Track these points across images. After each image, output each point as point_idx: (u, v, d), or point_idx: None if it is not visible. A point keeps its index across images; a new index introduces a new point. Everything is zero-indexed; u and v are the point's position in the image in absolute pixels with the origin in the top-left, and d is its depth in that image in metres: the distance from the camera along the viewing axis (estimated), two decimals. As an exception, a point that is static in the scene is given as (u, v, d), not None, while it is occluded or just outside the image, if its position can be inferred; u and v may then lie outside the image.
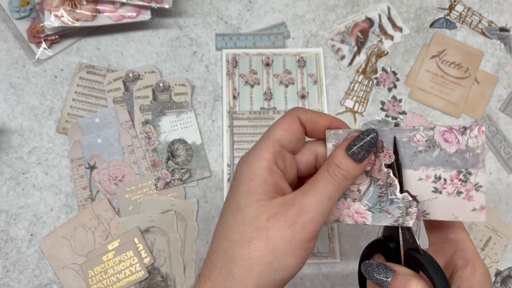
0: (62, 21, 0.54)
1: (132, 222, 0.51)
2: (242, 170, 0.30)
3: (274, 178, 0.29)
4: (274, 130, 0.31)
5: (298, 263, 0.29)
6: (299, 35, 0.59)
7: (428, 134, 0.29)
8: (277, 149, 0.30)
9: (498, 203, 0.55)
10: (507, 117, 0.58)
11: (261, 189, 0.29)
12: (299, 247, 0.28)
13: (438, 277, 0.27)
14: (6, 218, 0.51)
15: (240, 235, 0.28)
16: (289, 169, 0.32)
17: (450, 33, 0.60)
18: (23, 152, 0.53)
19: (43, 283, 0.50)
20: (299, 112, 0.32)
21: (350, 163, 0.29)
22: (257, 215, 0.28)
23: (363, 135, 0.30)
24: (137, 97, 0.55)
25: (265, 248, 0.28)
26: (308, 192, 0.29)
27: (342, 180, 0.29)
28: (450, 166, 0.29)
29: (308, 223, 0.28)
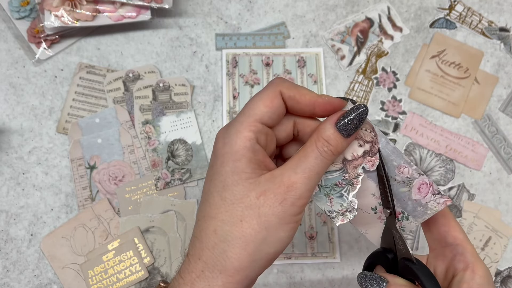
0: (62, 21, 0.54)
1: (132, 222, 0.51)
2: (224, 149, 0.29)
3: (258, 156, 0.29)
4: (255, 106, 0.30)
5: (290, 235, 0.29)
6: (299, 35, 0.59)
7: (413, 175, 0.31)
8: (258, 127, 0.30)
9: (498, 203, 0.55)
10: (507, 117, 0.58)
11: (248, 168, 0.29)
12: (289, 220, 0.28)
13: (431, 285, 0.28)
14: (6, 218, 0.51)
15: (230, 214, 0.28)
16: (270, 144, 0.32)
17: (450, 33, 0.60)
18: (23, 152, 0.53)
19: (43, 283, 0.50)
20: (282, 87, 0.31)
21: (339, 138, 0.29)
22: (246, 194, 0.28)
23: (353, 109, 0.29)
24: (137, 97, 0.55)
25: (258, 226, 0.28)
26: (297, 169, 0.29)
27: (330, 156, 0.29)
28: (401, 204, 0.32)
29: (297, 199, 0.28)
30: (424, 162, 0.55)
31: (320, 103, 0.31)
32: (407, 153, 0.56)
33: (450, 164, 0.55)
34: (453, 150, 0.56)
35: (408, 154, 0.56)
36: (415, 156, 0.55)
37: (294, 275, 0.51)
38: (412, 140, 0.56)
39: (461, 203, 0.54)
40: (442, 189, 0.54)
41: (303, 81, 0.57)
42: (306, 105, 0.31)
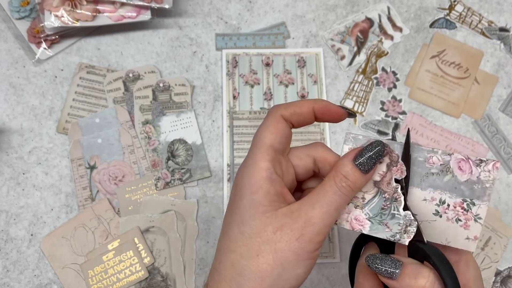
0: (62, 21, 0.54)
1: (132, 222, 0.51)
2: (243, 182, 0.30)
3: (275, 187, 0.29)
4: (263, 136, 0.31)
5: (306, 271, 0.29)
6: (299, 35, 0.59)
7: (445, 159, 0.30)
8: (272, 155, 0.30)
9: (498, 203, 0.55)
10: (507, 117, 0.58)
11: (265, 201, 0.29)
12: (306, 257, 0.28)
13: (444, 265, 0.27)
14: (6, 218, 0.51)
15: (247, 248, 0.28)
16: (286, 172, 0.32)
17: (450, 33, 0.60)
18: (23, 152, 0.53)
19: (43, 283, 0.50)
20: (281, 110, 0.31)
21: (357, 173, 0.29)
22: (263, 228, 0.28)
23: (371, 146, 0.30)
24: (137, 97, 0.55)
25: (274, 261, 0.28)
26: (315, 204, 0.29)
27: (349, 192, 0.29)
28: (457, 193, 0.30)
29: (315, 235, 0.28)
30: (424, 162, 0.55)
31: (318, 108, 0.31)
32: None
33: (450, 164, 0.55)
34: (453, 150, 0.56)
35: (408, 154, 0.56)
36: (415, 156, 0.55)
37: (294, 275, 0.51)
38: (412, 140, 0.56)
39: (461, 203, 0.54)
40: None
41: (303, 81, 0.57)
42: (308, 113, 0.31)
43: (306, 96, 0.56)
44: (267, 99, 0.56)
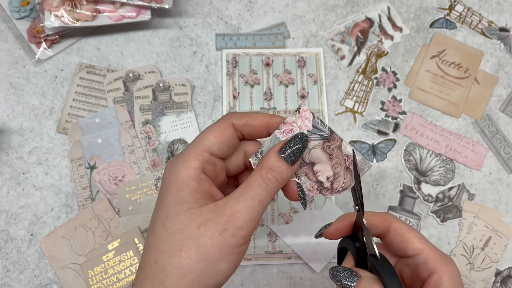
0: (62, 21, 0.54)
1: (132, 222, 0.51)
2: (170, 178, 0.29)
3: (203, 185, 0.29)
4: (205, 137, 0.30)
5: (231, 267, 0.29)
6: (299, 35, 0.59)
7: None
8: (205, 157, 0.30)
9: (498, 203, 0.55)
10: (507, 117, 0.58)
11: (190, 198, 0.29)
12: (230, 252, 0.28)
13: (391, 282, 0.27)
14: (6, 218, 0.51)
15: (170, 244, 0.28)
16: (219, 175, 0.32)
17: (450, 33, 0.60)
18: (23, 152, 0.53)
19: (43, 283, 0.50)
20: (233, 118, 0.31)
21: (283, 165, 0.29)
22: (187, 224, 0.28)
23: (294, 138, 0.30)
24: (137, 97, 0.55)
25: (197, 256, 0.27)
26: (240, 198, 0.29)
27: (275, 183, 0.29)
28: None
29: (238, 229, 0.28)
30: (424, 162, 0.55)
31: (273, 123, 0.31)
32: (407, 153, 0.56)
33: (450, 164, 0.55)
34: (453, 150, 0.56)
35: (408, 154, 0.56)
36: (415, 156, 0.55)
37: (294, 275, 0.51)
38: (412, 140, 0.56)
39: (461, 203, 0.54)
40: (442, 189, 0.54)
41: (303, 81, 0.57)
42: (260, 127, 0.31)
43: (306, 96, 0.56)
44: (267, 99, 0.56)
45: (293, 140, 0.30)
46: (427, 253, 0.30)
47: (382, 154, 0.55)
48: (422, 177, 0.55)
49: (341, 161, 0.31)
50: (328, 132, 0.31)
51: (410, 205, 0.54)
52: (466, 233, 0.53)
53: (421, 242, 0.31)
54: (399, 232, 0.31)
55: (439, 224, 0.54)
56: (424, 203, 0.54)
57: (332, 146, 0.31)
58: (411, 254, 0.31)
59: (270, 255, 0.51)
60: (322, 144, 0.31)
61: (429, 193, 0.54)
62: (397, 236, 0.31)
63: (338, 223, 0.32)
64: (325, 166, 0.31)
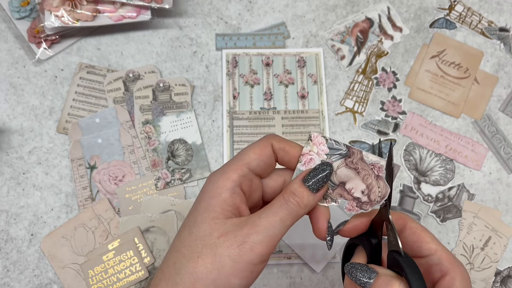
0: (62, 21, 0.54)
1: (132, 222, 0.51)
2: (207, 187, 0.31)
3: (234, 199, 0.30)
4: (245, 153, 0.32)
5: (243, 284, 0.29)
6: (299, 35, 0.59)
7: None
8: (244, 171, 0.31)
9: (498, 203, 0.55)
10: (506, 117, 0.58)
11: (218, 208, 0.29)
12: (245, 268, 0.28)
13: (415, 279, 0.27)
14: (7, 218, 0.51)
15: (191, 249, 0.29)
16: (254, 193, 0.32)
17: (450, 33, 0.60)
18: (24, 152, 0.53)
19: (43, 283, 0.50)
20: (273, 140, 0.32)
21: (305, 191, 0.30)
22: (210, 232, 0.29)
23: (319, 168, 0.31)
24: (137, 97, 0.55)
25: (211, 265, 0.28)
26: (262, 214, 0.29)
27: (296, 206, 0.30)
28: None
29: (257, 244, 0.28)
30: (424, 162, 0.55)
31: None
32: (407, 153, 0.56)
33: (450, 164, 0.56)
34: (453, 150, 0.56)
35: (408, 154, 0.56)
36: (415, 156, 0.55)
37: (294, 275, 0.51)
38: (412, 140, 0.56)
39: (461, 203, 0.54)
40: (442, 189, 0.55)
41: (303, 81, 0.57)
42: (294, 157, 0.32)
43: (306, 96, 0.56)
44: (267, 99, 0.56)
45: (317, 169, 0.31)
46: (441, 254, 0.31)
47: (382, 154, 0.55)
48: (422, 177, 0.55)
49: (369, 171, 0.31)
50: (345, 149, 0.31)
51: (410, 205, 0.54)
52: (466, 233, 0.53)
53: (435, 243, 0.31)
54: (415, 231, 0.32)
55: (439, 224, 0.54)
56: (424, 203, 0.54)
57: (354, 160, 0.31)
58: (425, 254, 0.31)
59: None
60: (344, 162, 0.31)
61: (429, 193, 0.54)
62: (413, 235, 0.32)
63: (357, 220, 0.33)
64: (356, 181, 0.31)
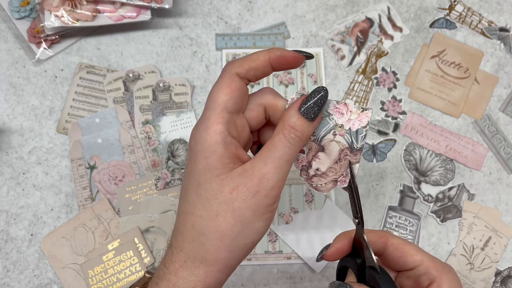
0: (62, 21, 0.54)
1: (132, 222, 0.51)
2: (197, 147, 0.30)
3: (230, 149, 0.29)
4: (216, 97, 0.30)
5: (266, 224, 0.30)
6: (299, 35, 0.59)
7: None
8: (225, 117, 0.30)
9: (498, 203, 0.55)
10: (507, 117, 0.58)
11: (219, 164, 0.29)
12: (264, 211, 0.29)
13: None
14: (6, 218, 0.51)
15: (206, 210, 0.29)
16: (242, 132, 0.32)
17: (450, 33, 0.60)
18: (23, 152, 0.53)
19: (43, 283, 0.50)
20: (235, 68, 0.31)
21: (304, 122, 0.30)
22: (220, 189, 0.29)
23: (314, 92, 0.30)
24: (137, 97, 0.55)
25: (233, 219, 0.29)
26: (267, 159, 0.29)
27: (298, 141, 0.30)
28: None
29: (270, 190, 0.29)
30: (424, 162, 0.55)
31: (274, 58, 0.31)
32: (407, 153, 0.56)
33: (450, 164, 0.55)
34: (453, 150, 0.56)
35: (408, 154, 0.56)
36: (415, 156, 0.55)
37: (294, 275, 0.51)
38: (412, 140, 0.56)
39: (461, 203, 0.54)
40: (442, 189, 0.55)
41: (303, 81, 0.57)
42: (264, 66, 0.31)
43: (306, 96, 0.56)
44: (267, 99, 0.56)
45: (313, 95, 0.30)
46: (427, 264, 0.31)
47: (382, 154, 0.55)
48: (422, 177, 0.55)
49: (339, 172, 0.31)
50: (359, 147, 0.31)
51: (410, 205, 0.54)
52: (466, 233, 0.53)
53: (419, 254, 0.32)
54: (397, 246, 0.32)
55: (439, 224, 0.54)
56: (424, 203, 0.54)
57: (348, 157, 0.31)
58: (411, 266, 0.32)
59: (270, 255, 0.51)
60: (344, 147, 0.31)
61: (429, 193, 0.54)
62: (396, 251, 0.32)
63: (338, 242, 0.33)
64: (327, 161, 0.31)
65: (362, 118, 0.30)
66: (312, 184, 0.31)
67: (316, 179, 0.31)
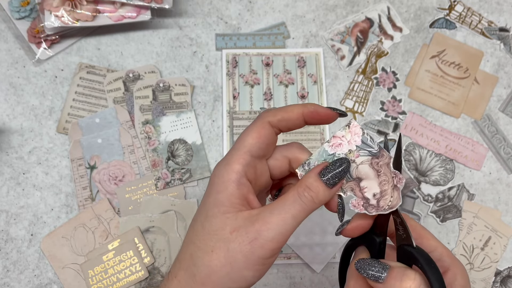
0: (62, 21, 0.54)
1: (132, 222, 0.51)
2: (213, 180, 0.31)
3: (241, 191, 0.30)
4: (244, 139, 0.31)
5: (255, 275, 0.29)
6: (299, 35, 0.59)
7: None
8: (247, 159, 0.30)
9: (498, 203, 0.55)
10: (506, 117, 0.58)
11: (227, 202, 0.30)
12: (256, 262, 0.29)
13: (431, 269, 0.27)
14: (7, 218, 0.51)
15: (205, 243, 0.29)
16: (260, 177, 0.32)
17: (450, 33, 0.60)
18: (23, 152, 0.53)
19: (43, 283, 0.50)
20: (268, 117, 0.32)
21: (321, 186, 0.30)
22: (222, 227, 0.29)
23: (336, 163, 0.30)
24: (137, 97, 0.55)
25: (225, 259, 0.29)
26: (274, 210, 0.29)
27: (310, 202, 0.30)
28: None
29: (268, 241, 0.28)
30: (424, 162, 0.55)
31: (307, 112, 0.32)
32: (407, 153, 0.56)
33: (450, 164, 0.56)
34: (453, 150, 0.56)
35: (408, 154, 0.56)
36: (415, 156, 0.55)
37: (294, 275, 0.51)
38: (412, 140, 0.56)
39: (460, 203, 0.54)
40: (442, 189, 0.55)
41: (303, 81, 0.57)
42: (296, 119, 0.32)
43: (306, 96, 0.56)
44: (267, 99, 0.56)
45: (335, 164, 0.30)
46: (441, 250, 0.31)
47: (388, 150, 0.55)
48: (422, 177, 0.55)
49: (389, 178, 0.30)
50: (377, 149, 0.31)
51: (410, 205, 0.54)
52: (466, 233, 0.53)
53: (435, 240, 0.32)
54: (415, 229, 0.32)
55: (439, 224, 0.54)
56: (424, 203, 0.54)
57: (380, 163, 0.31)
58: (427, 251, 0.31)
59: (270, 255, 0.51)
60: (370, 161, 0.31)
61: (429, 193, 0.54)
62: (413, 232, 0.32)
63: (360, 219, 0.32)
64: (372, 182, 0.31)
65: (354, 131, 0.31)
66: (385, 209, 0.30)
67: (383, 202, 0.30)
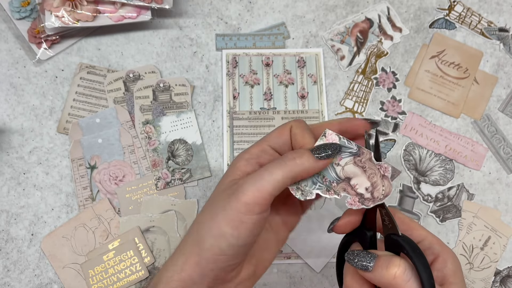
0: (62, 22, 0.54)
1: (132, 222, 0.51)
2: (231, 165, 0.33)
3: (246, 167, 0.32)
4: (269, 134, 0.34)
5: (235, 234, 0.29)
6: (299, 36, 0.59)
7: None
8: (263, 147, 0.32)
9: (497, 203, 0.55)
10: (506, 117, 0.58)
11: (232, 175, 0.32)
12: (234, 217, 0.29)
13: (417, 255, 0.28)
14: (7, 218, 0.51)
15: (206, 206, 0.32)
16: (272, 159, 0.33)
17: (449, 33, 0.60)
18: (24, 152, 0.53)
19: (44, 283, 0.50)
20: (293, 124, 0.33)
21: (307, 153, 0.30)
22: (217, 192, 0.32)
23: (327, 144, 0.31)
24: (138, 97, 0.55)
25: (209, 214, 0.30)
26: (259, 170, 0.30)
27: (291, 161, 0.30)
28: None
29: (243, 193, 0.29)
30: (424, 162, 0.55)
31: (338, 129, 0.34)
32: (406, 153, 0.56)
33: (450, 164, 0.56)
34: (452, 150, 0.56)
35: (407, 154, 0.56)
36: (415, 156, 0.56)
37: (294, 275, 0.51)
38: (412, 140, 0.56)
39: (460, 203, 0.54)
40: (441, 189, 0.55)
41: (303, 81, 0.57)
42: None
43: (306, 96, 0.56)
44: (267, 99, 0.56)
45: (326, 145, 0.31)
46: (431, 238, 0.32)
47: (381, 154, 0.55)
48: (421, 177, 0.55)
49: (375, 170, 0.32)
50: (356, 148, 0.32)
51: (409, 205, 0.54)
52: (466, 233, 0.54)
53: (423, 230, 0.33)
54: (403, 221, 0.33)
55: (438, 224, 0.54)
56: (423, 203, 0.54)
57: (363, 159, 0.32)
58: (417, 240, 0.32)
59: (270, 255, 0.51)
60: (353, 160, 0.32)
61: (428, 193, 0.55)
62: (402, 224, 0.33)
63: (349, 215, 0.33)
64: (361, 178, 0.32)
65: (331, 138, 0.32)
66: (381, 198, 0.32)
67: (377, 193, 0.32)
